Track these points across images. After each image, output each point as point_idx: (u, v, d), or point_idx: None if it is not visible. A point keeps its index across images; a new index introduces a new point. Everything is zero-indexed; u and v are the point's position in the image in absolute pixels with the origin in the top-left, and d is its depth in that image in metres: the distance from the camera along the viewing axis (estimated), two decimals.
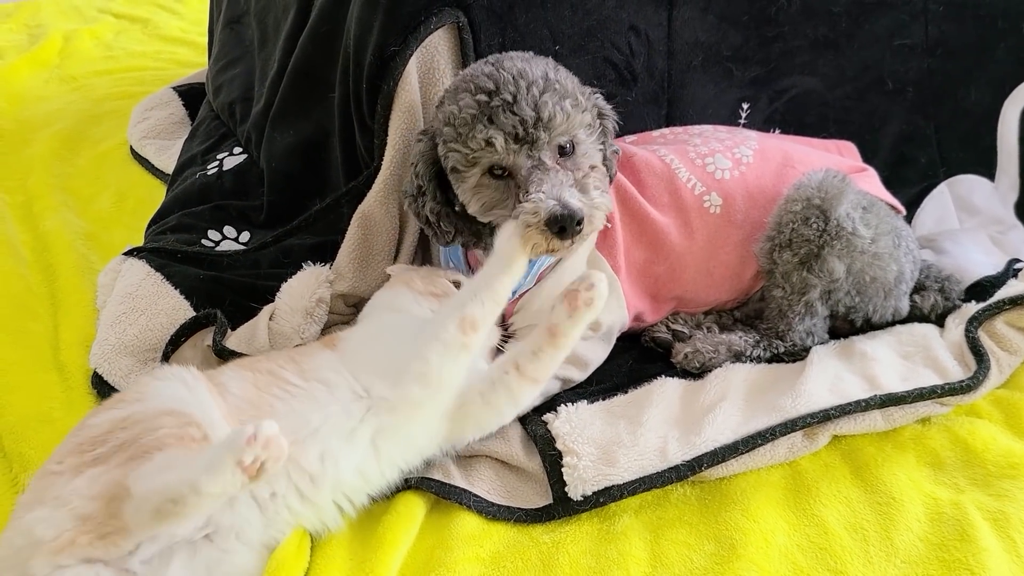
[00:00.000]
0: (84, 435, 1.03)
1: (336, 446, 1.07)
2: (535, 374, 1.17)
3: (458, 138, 1.23)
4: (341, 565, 1.09)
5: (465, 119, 1.22)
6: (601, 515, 1.20)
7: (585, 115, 1.26)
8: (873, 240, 1.43)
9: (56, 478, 0.98)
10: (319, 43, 1.65)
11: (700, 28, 1.64)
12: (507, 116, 1.19)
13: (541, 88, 1.21)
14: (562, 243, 1.17)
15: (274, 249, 1.59)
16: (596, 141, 1.29)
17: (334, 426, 1.08)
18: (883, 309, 1.49)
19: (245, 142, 1.95)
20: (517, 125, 1.19)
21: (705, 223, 1.47)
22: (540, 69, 1.23)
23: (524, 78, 1.21)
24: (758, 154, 1.52)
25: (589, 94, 1.30)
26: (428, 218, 1.33)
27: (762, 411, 1.29)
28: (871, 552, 1.14)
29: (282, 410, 1.08)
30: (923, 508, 1.20)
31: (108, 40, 3.01)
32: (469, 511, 1.19)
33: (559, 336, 1.15)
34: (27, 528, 0.93)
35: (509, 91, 1.20)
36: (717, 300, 1.53)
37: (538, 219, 1.15)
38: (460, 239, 1.35)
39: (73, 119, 2.40)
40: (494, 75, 1.22)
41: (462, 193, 1.28)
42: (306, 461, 1.05)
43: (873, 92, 1.79)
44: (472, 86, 1.23)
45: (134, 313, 1.42)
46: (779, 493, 1.24)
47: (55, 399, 1.38)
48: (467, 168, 1.24)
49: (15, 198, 2.00)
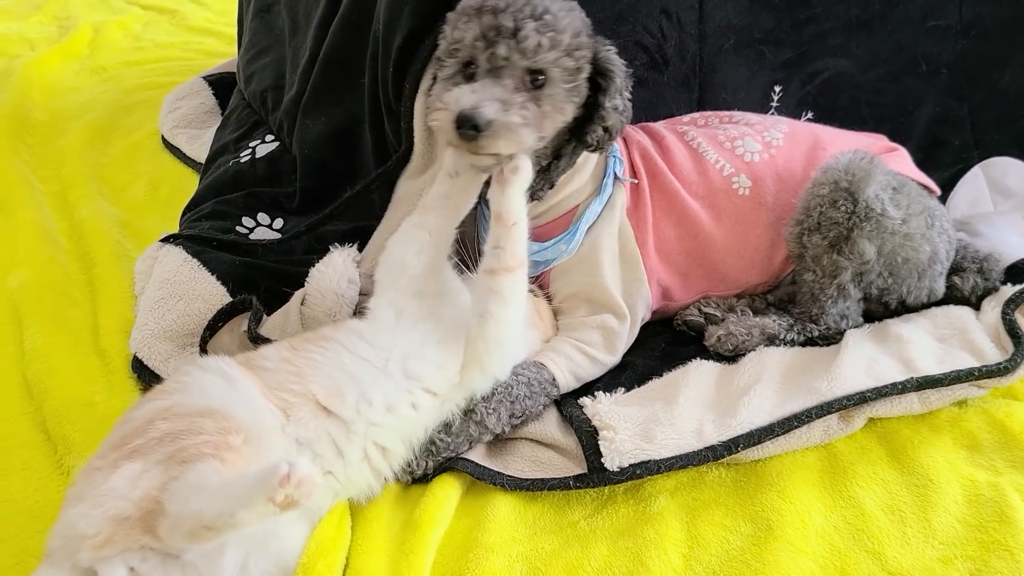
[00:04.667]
0: (127, 428, 1.04)
1: (370, 383, 1.11)
2: (507, 262, 1.20)
3: (450, 26, 1.27)
4: (381, 545, 1.10)
5: (463, 9, 1.26)
6: (636, 497, 1.21)
7: (565, 60, 1.25)
8: (904, 220, 1.42)
9: (97, 474, 0.99)
10: (350, 30, 1.66)
11: (732, 10, 1.63)
12: (489, 19, 1.22)
13: (533, 14, 1.23)
14: (459, 140, 1.20)
15: (307, 237, 1.61)
16: (573, 92, 1.28)
17: (366, 370, 1.12)
18: (918, 290, 1.47)
19: (277, 130, 1.96)
20: (493, 30, 1.22)
21: (733, 204, 1.47)
22: (546, 2, 1.26)
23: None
24: (788, 137, 1.51)
25: (592, 44, 1.30)
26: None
27: (798, 394, 1.29)
28: (909, 533, 1.14)
29: (319, 361, 1.12)
30: (960, 490, 1.19)
31: (136, 31, 3.05)
32: (504, 491, 1.20)
33: (503, 215, 1.21)
34: (71, 522, 0.95)
35: (505, 1, 1.23)
36: (748, 283, 1.53)
37: (448, 112, 1.20)
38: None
39: (105, 109, 2.43)
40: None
41: (436, 84, 1.31)
42: (342, 408, 1.08)
43: (906, 74, 1.77)
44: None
45: (172, 299, 1.44)
46: (815, 475, 1.23)
47: (97, 383, 1.40)
48: (447, 58, 1.28)
49: (50, 187, 2.03)
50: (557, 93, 1.26)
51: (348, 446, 1.07)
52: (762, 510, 1.17)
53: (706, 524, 1.16)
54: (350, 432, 1.07)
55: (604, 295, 1.40)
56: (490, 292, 1.19)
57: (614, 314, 1.39)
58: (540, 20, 1.23)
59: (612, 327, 1.39)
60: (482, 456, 1.24)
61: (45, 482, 1.24)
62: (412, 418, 1.14)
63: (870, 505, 1.18)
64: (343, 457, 1.07)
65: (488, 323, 1.19)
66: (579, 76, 1.28)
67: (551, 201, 1.41)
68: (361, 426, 1.08)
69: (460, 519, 1.17)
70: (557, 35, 1.24)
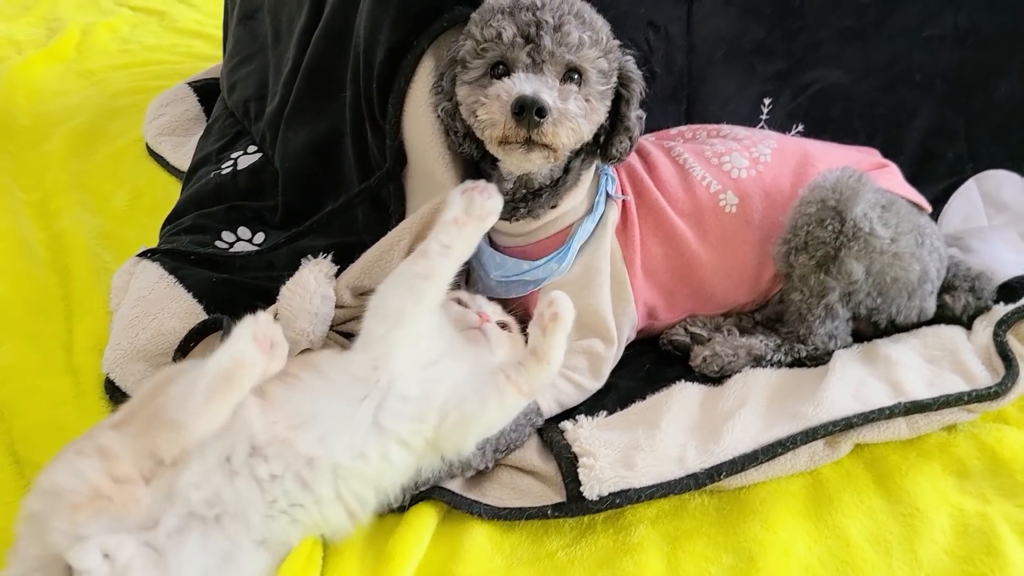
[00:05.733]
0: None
1: (335, 427, 1.06)
2: (524, 388, 1.12)
3: (476, 26, 1.24)
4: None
5: (491, 7, 1.24)
6: (617, 526, 1.18)
7: (601, 61, 1.25)
8: (893, 240, 1.39)
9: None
10: (333, 40, 1.62)
11: (722, 21, 1.59)
12: (526, 15, 1.21)
13: (572, 10, 1.22)
14: (518, 129, 1.17)
15: (287, 250, 1.57)
16: (604, 95, 1.28)
17: (334, 410, 1.08)
18: (907, 310, 1.45)
19: (260, 141, 1.93)
20: (532, 25, 1.20)
21: (720, 222, 1.43)
22: (580, 3, 1.25)
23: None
24: (776, 153, 1.48)
25: (618, 49, 1.29)
26: (440, 116, 1.33)
27: (783, 418, 1.26)
28: (894, 565, 1.11)
29: (281, 396, 1.08)
30: (948, 519, 1.17)
31: (125, 33, 3.00)
32: (481, 520, 1.17)
33: (539, 355, 1.12)
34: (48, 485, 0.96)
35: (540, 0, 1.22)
36: (735, 302, 1.50)
37: (502, 102, 1.18)
38: (468, 145, 1.33)
39: (90, 114, 2.40)
40: None
41: (460, 88, 1.27)
42: (303, 445, 1.04)
43: (901, 85, 1.74)
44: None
45: (146, 317, 1.41)
46: (799, 503, 1.21)
47: (67, 404, 1.37)
48: (473, 59, 1.24)
49: (31, 196, 2.00)
50: (592, 93, 1.25)
51: (316, 482, 1.04)
52: (744, 540, 1.15)
53: (687, 555, 1.14)
54: (314, 469, 1.04)
55: (594, 318, 1.37)
56: (496, 392, 1.11)
57: (602, 338, 1.37)
58: (580, 18, 1.23)
59: (599, 352, 1.36)
60: (459, 484, 1.21)
61: (12, 507, 1.21)
62: (383, 468, 1.09)
63: (855, 535, 1.16)
64: (312, 492, 1.04)
65: (478, 412, 1.12)
66: (611, 80, 1.28)
67: (547, 218, 1.38)
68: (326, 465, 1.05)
69: (435, 549, 1.14)
70: (595, 34, 1.24)
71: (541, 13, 1.20)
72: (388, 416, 1.08)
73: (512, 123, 1.18)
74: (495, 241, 1.43)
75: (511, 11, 1.22)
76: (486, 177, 1.35)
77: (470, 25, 1.27)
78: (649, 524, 1.18)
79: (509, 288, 1.41)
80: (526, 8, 1.21)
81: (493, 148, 1.26)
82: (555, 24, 1.20)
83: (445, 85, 1.31)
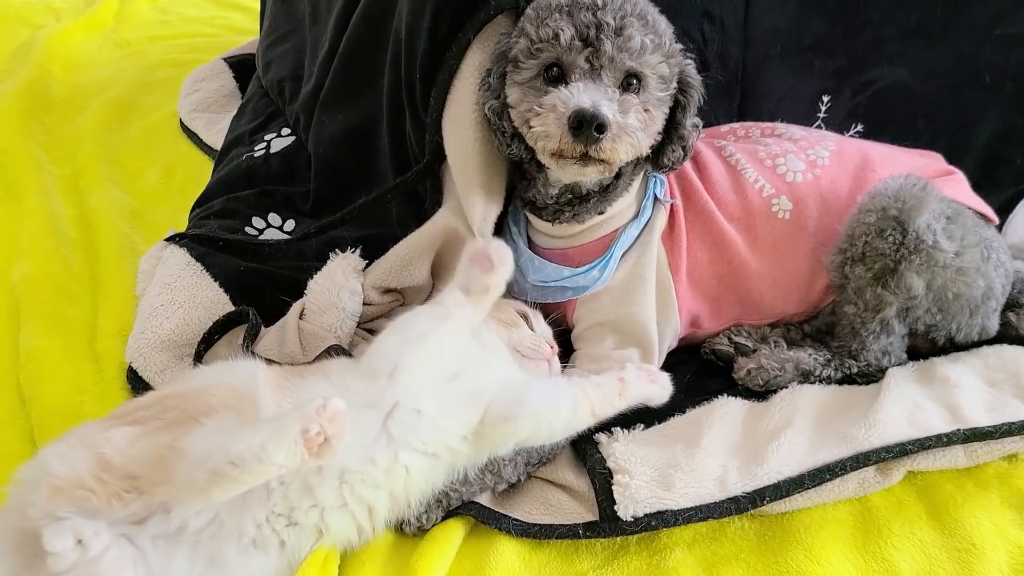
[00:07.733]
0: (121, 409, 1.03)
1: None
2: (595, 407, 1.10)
3: (531, 24, 1.18)
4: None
5: (547, 4, 1.17)
6: (652, 548, 1.13)
7: (662, 66, 1.18)
8: (958, 253, 1.31)
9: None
10: (371, 24, 1.56)
11: (780, 15, 1.51)
12: (586, 15, 1.14)
13: (635, 11, 1.15)
14: (575, 144, 1.11)
15: (318, 240, 1.52)
16: (663, 102, 1.21)
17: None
18: (968, 328, 1.37)
19: (294, 123, 1.88)
20: (592, 27, 1.13)
21: (772, 229, 1.36)
22: (643, 3, 1.18)
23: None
24: (835, 156, 1.40)
25: (679, 54, 1.22)
26: (487, 114, 1.26)
27: (832, 441, 1.20)
28: None
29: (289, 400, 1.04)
30: (1007, 556, 1.11)
31: (163, 4, 2.98)
32: (509, 536, 1.12)
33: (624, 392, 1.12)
34: (42, 459, 0.93)
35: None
36: (784, 312, 1.42)
37: (558, 114, 1.11)
38: (516, 147, 1.26)
39: (125, 86, 2.37)
40: None
41: (510, 89, 1.20)
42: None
43: (968, 86, 1.65)
44: None
45: (172, 306, 1.37)
46: (846, 532, 1.15)
47: (88, 392, 1.34)
48: (526, 59, 1.18)
49: (63, 170, 1.97)
50: (651, 100, 1.18)
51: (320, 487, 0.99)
52: (786, 570, 1.10)
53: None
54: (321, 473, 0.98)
55: (635, 326, 1.31)
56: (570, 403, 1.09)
57: (642, 348, 1.30)
58: (643, 19, 1.16)
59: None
60: (488, 497, 1.17)
61: None
62: (396, 474, 1.04)
63: (905, 569, 1.10)
64: (313, 496, 0.98)
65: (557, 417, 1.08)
66: (670, 86, 1.21)
67: (591, 222, 1.31)
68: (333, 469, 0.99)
69: (460, 564, 1.10)
70: (657, 37, 1.17)
71: (602, 14, 1.13)
72: (399, 426, 1.03)
73: (569, 137, 1.12)
74: (534, 242, 1.37)
75: (569, 10, 1.15)
76: (530, 180, 1.30)
77: (524, 22, 1.20)
78: (685, 548, 1.13)
79: (546, 293, 1.35)
80: (586, 8, 1.14)
81: (545, 159, 1.20)
82: (617, 27, 1.13)
83: (493, 82, 1.24)
